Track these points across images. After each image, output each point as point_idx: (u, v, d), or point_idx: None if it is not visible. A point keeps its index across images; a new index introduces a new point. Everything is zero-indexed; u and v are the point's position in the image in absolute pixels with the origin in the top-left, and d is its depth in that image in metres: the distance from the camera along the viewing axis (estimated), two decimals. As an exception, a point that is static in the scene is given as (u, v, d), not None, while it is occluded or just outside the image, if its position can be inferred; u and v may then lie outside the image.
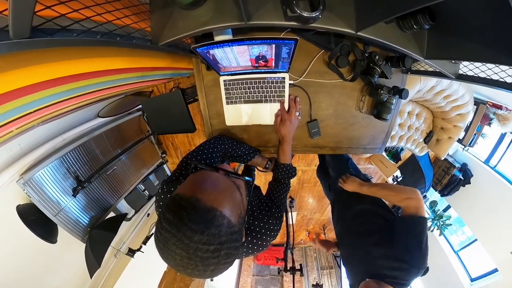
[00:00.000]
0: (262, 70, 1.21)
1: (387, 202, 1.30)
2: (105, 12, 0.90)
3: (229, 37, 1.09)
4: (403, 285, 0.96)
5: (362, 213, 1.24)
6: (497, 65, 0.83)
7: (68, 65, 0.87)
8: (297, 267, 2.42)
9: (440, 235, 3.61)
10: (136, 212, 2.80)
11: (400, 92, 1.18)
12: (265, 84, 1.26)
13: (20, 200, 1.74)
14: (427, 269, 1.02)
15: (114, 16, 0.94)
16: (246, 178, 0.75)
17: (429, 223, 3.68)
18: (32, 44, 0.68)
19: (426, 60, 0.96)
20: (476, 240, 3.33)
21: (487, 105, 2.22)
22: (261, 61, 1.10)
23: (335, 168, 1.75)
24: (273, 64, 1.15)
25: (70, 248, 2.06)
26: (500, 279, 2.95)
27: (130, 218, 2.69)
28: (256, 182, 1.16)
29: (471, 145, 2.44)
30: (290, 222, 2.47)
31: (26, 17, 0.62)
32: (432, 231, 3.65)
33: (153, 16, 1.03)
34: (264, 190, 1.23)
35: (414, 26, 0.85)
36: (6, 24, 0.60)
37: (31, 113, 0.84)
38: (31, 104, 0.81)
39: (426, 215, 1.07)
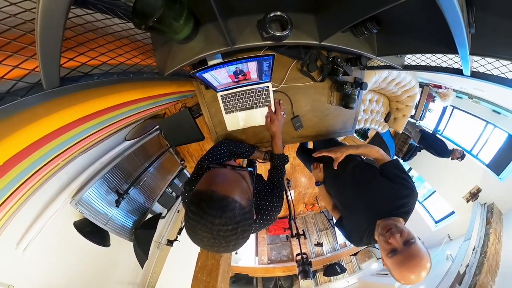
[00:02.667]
0: (250, 83, 1.21)
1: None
2: (117, 56, 0.88)
3: (219, 60, 1.08)
4: (409, 212, 0.93)
5: (356, 168, 1.19)
6: (433, 54, 0.85)
7: (95, 103, 0.85)
8: (300, 232, 2.44)
9: None
10: (168, 211, 2.79)
11: (360, 85, 1.20)
12: (253, 93, 1.25)
13: (75, 217, 1.73)
14: None
15: (125, 57, 0.92)
16: (249, 169, 0.75)
17: None
18: (63, 91, 0.67)
19: (377, 57, 0.98)
20: (435, 191, 3.41)
21: (430, 86, 2.27)
22: (246, 76, 1.10)
23: (322, 147, 1.68)
24: (257, 77, 1.14)
25: (121, 247, 2.05)
26: (456, 218, 3.03)
27: (165, 216, 2.68)
28: (258, 171, 1.17)
29: (421, 118, 2.51)
30: (290, 198, 2.49)
31: (54, 71, 0.60)
32: None
33: (156, 53, 1.02)
34: (265, 177, 1.23)
35: (365, 32, 0.85)
36: (39, 78, 0.59)
37: (71, 146, 0.82)
38: (70, 139, 0.80)
39: None
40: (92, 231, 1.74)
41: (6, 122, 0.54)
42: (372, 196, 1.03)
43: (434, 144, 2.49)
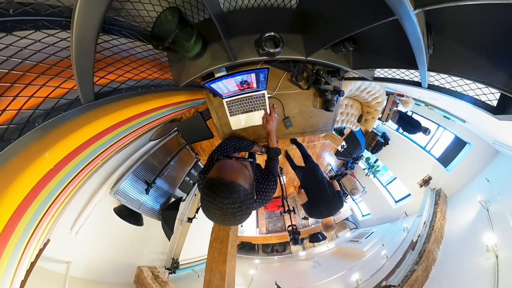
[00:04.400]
0: (249, 91, 1.19)
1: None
2: (140, 72, 0.86)
3: (224, 73, 1.06)
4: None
5: (313, 168, 1.64)
6: (398, 69, 0.84)
7: (124, 112, 0.84)
8: (291, 209, 2.49)
9: (374, 177, 3.78)
10: (187, 195, 2.81)
11: (339, 93, 1.19)
12: (252, 99, 1.24)
13: (114, 204, 1.74)
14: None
15: (146, 73, 0.90)
16: (250, 160, 0.75)
17: (365, 171, 3.77)
18: (97, 105, 0.66)
19: (353, 70, 0.96)
20: (395, 178, 3.47)
21: (394, 95, 2.27)
22: (245, 85, 1.09)
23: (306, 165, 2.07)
24: (255, 86, 1.13)
25: (152, 226, 2.07)
26: (412, 199, 3.09)
27: (184, 199, 2.70)
28: (257, 162, 1.17)
29: (387, 120, 2.51)
30: (282, 183, 2.52)
31: (89, 88, 0.59)
32: (368, 175, 3.79)
33: (172, 68, 1.00)
34: (263, 166, 1.24)
35: (343, 49, 0.84)
36: (77, 95, 0.58)
37: (107, 149, 0.82)
38: (106, 143, 0.79)
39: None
40: (128, 214, 1.76)
41: (54, 132, 0.54)
42: (324, 179, 1.66)
43: (411, 120, 2.50)
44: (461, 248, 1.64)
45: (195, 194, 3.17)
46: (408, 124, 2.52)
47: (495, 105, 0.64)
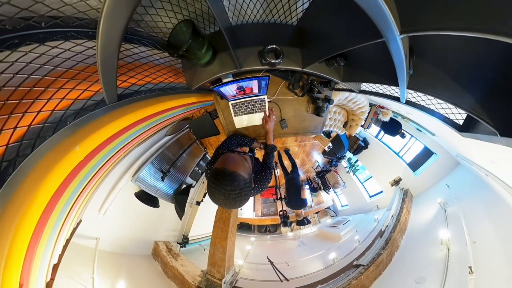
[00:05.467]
0: (251, 95, 1.18)
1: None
2: (157, 77, 0.85)
3: (230, 79, 1.04)
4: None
5: (292, 178, 1.98)
6: (381, 84, 0.83)
7: (143, 111, 0.83)
8: (283, 197, 2.55)
9: (353, 174, 3.86)
10: (196, 182, 2.83)
11: (329, 101, 1.18)
12: (254, 103, 1.23)
13: (135, 190, 1.76)
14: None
15: (163, 78, 0.89)
16: (249, 154, 0.76)
17: (347, 169, 3.86)
18: (120, 105, 0.65)
19: (342, 83, 0.95)
20: (371, 176, 3.54)
21: (376, 106, 2.27)
22: (250, 90, 1.07)
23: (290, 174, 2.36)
24: (257, 91, 1.11)
25: (166, 208, 2.09)
26: (383, 196, 3.16)
27: (194, 186, 2.71)
28: (256, 156, 1.17)
29: (368, 127, 2.53)
30: (276, 174, 2.57)
31: (113, 91, 0.58)
32: (349, 173, 3.88)
33: (185, 73, 0.98)
34: (261, 160, 1.24)
35: (335, 64, 0.82)
36: (102, 97, 0.57)
37: (129, 143, 0.82)
38: (127, 138, 0.79)
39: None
40: (147, 198, 1.79)
41: (83, 129, 0.54)
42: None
43: (393, 123, 2.54)
44: (420, 239, 1.71)
45: (203, 182, 3.20)
46: (390, 126, 2.56)
47: (461, 123, 0.65)
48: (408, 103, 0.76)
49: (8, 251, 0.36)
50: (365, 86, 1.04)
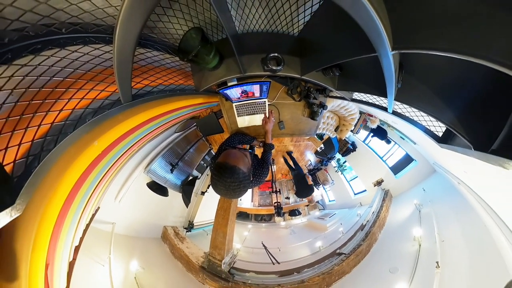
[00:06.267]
0: (253, 98, 1.16)
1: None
2: (168, 79, 0.83)
3: (235, 82, 1.03)
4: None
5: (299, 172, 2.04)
6: (371, 95, 0.82)
7: (155, 110, 0.82)
8: (277, 190, 2.59)
9: (341, 174, 3.90)
10: (201, 174, 2.83)
11: (323, 107, 1.17)
12: (255, 105, 1.21)
13: (147, 180, 1.78)
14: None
15: (173, 80, 0.88)
16: (250, 151, 0.76)
17: (336, 168, 3.91)
18: (134, 104, 0.64)
19: (336, 91, 0.94)
20: (357, 176, 3.58)
21: (366, 114, 2.28)
22: (252, 93, 1.06)
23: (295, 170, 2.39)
24: (258, 95, 1.10)
25: (175, 197, 2.11)
26: (366, 194, 3.21)
27: (199, 178, 2.74)
28: (255, 153, 1.17)
29: (357, 133, 2.55)
30: (273, 170, 2.59)
31: (128, 91, 0.58)
32: (337, 172, 3.92)
33: (194, 76, 0.96)
34: (260, 156, 1.24)
35: (331, 73, 0.81)
36: (118, 97, 0.57)
37: (142, 138, 0.82)
38: (141, 134, 0.79)
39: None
40: (157, 188, 1.81)
41: (101, 126, 0.53)
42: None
43: (381, 130, 2.57)
44: (396, 235, 1.77)
45: (208, 174, 3.22)
46: (379, 132, 2.60)
47: (440, 135, 0.65)
48: (395, 113, 0.76)
49: (35, 235, 0.37)
50: (356, 95, 1.03)
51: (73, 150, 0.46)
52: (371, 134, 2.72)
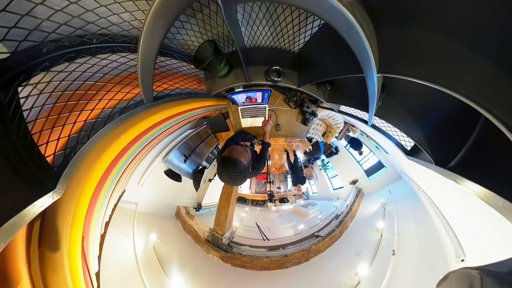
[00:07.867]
0: (256, 103, 1.15)
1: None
2: (184, 84, 0.82)
3: (241, 89, 1.01)
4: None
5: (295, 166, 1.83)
6: (356, 108, 0.81)
7: (172, 110, 0.80)
8: (271, 181, 2.65)
9: (324, 172, 3.98)
10: (209, 165, 2.86)
11: (314, 115, 1.17)
12: (257, 109, 1.20)
13: (164, 168, 1.79)
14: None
15: (189, 85, 0.86)
16: (250, 147, 0.77)
17: (320, 167, 3.97)
18: (155, 104, 0.64)
19: (326, 103, 0.92)
20: (337, 175, 3.65)
21: (349, 124, 2.29)
22: (255, 99, 1.04)
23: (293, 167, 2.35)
24: (260, 101, 1.09)
25: (187, 183, 2.13)
26: (343, 190, 3.31)
27: (208, 167, 2.76)
28: (255, 149, 1.18)
29: (340, 139, 2.57)
30: (268, 164, 2.62)
31: (150, 93, 0.57)
32: (321, 170, 3.99)
33: (206, 82, 0.95)
34: (258, 152, 1.24)
35: (323, 87, 0.79)
36: (141, 98, 0.56)
37: (161, 133, 0.82)
38: (160, 129, 0.79)
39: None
40: (173, 175, 1.83)
41: (127, 123, 0.53)
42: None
43: (357, 141, 2.60)
44: (363, 225, 1.85)
45: (214, 165, 3.23)
46: (354, 143, 2.63)
47: (408, 149, 0.66)
48: (373, 126, 0.76)
49: (73, 213, 0.38)
50: (343, 108, 1.02)
51: (103, 143, 0.47)
52: (348, 144, 2.78)
